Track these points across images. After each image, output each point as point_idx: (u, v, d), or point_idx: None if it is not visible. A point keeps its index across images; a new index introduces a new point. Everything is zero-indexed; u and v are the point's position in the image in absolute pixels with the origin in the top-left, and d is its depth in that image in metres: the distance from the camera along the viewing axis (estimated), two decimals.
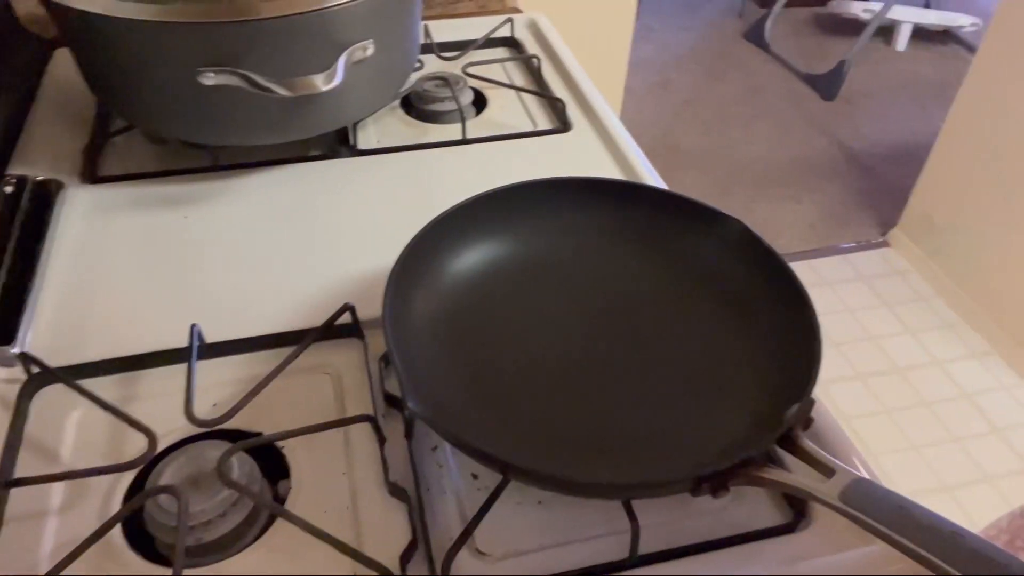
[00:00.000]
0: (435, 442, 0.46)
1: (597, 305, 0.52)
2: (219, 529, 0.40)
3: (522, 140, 0.73)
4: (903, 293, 1.82)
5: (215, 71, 0.54)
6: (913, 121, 2.45)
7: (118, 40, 0.55)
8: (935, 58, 2.78)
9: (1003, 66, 1.56)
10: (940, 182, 1.78)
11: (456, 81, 0.76)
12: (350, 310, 0.51)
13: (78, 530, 0.41)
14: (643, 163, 0.68)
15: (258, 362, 0.51)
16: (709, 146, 2.31)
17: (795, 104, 2.52)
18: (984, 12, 2.99)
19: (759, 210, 2.07)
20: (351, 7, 0.56)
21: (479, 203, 0.53)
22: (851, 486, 0.36)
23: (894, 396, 1.59)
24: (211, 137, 0.63)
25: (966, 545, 0.31)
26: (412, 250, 0.48)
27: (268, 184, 0.66)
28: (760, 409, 0.43)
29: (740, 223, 0.51)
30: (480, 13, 0.96)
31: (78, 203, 0.63)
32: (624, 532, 0.40)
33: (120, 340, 0.51)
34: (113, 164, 0.68)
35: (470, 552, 0.41)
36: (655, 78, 2.65)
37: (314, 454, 0.45)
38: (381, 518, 0.42)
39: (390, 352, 0.42)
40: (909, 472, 1.45)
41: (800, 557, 0.41)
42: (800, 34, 2.94)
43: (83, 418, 0.47)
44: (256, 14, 0.53)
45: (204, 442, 0.44)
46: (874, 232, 2.00)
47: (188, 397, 0.44)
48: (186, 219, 0.62)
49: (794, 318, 0.45)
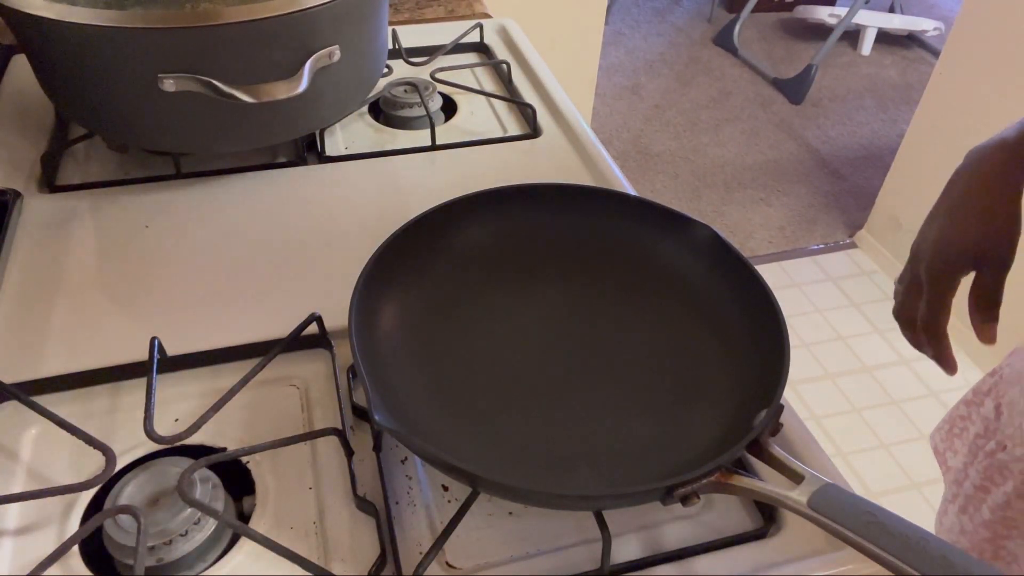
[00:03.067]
0: (404, 454, 0.46)
1: (566, 314, 0.51)
2: (181, 548, 0.39)
3: (492, 146, 0.72)
4: (871, 293, 1.85)
5: (175, 77, 0.53)
6: (879, 124, 2.49)
7: (75, 46, 0.54)
8: (899, 62, 2.83)
9: (965, 69, 1.59)
10: (906, 184, 1.81)
11: (425, 87, 0.75)
12: (317, 320, 0.50)
13: (35, 552, 0.40)
14: (613, 168, 0.68)
15: (222, 375, 0.50)
16: (679, 150, 2.32)
17: (764, 108, 2.55)
18: (947, 17, 3.05)
19: (729, 213, 2.08)
20: (316, 12, 0.56)
21: (448, 210, 0.52)
22: (820, 492, 0.36)
23: (863, 395, 1.61)
24: (173, 144, 0.62)
25: (934, 551, 0.32)
26: (379, 259, 0.48)
27: (233, 192, 0.65)
28: (729, 416, 0.43)
29: (709, 229, 0.51)
30: (449, 18, 0.96)
31: (36, 212, 0.61)
32: (596, 542, 0.40)
33: (78, 354, 0.50)
34: (72, 172, 0.67)
35: (440, 566, 0.40)
36: (625, 83, 2.66)
37: (280, 469, 0.44)
38: (349, 533, 0.41)
39: (356, 364, 0.41)
40: (879, 470, 1.47)
41: (771, 563, 0.41)
42: (768, 39, 2.97)
43: (40, 436, 0.46)
44: (217, 19, 0.52)
45: (166, 459, 0.43)
46: (842, 234, 2.03)
47: (148, 413, 0.43)
48: (147, 228, 0.61)
49: (763, 325, 0.45)
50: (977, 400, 0.69)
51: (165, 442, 0.43)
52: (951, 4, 3.26)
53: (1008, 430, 0.61)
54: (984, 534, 0.63)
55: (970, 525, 0.65)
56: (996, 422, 0.63)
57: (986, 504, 0.62)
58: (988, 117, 1.55)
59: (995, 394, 0.65)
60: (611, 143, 2.33)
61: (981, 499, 0.63)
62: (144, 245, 0.59)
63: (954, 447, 0.70)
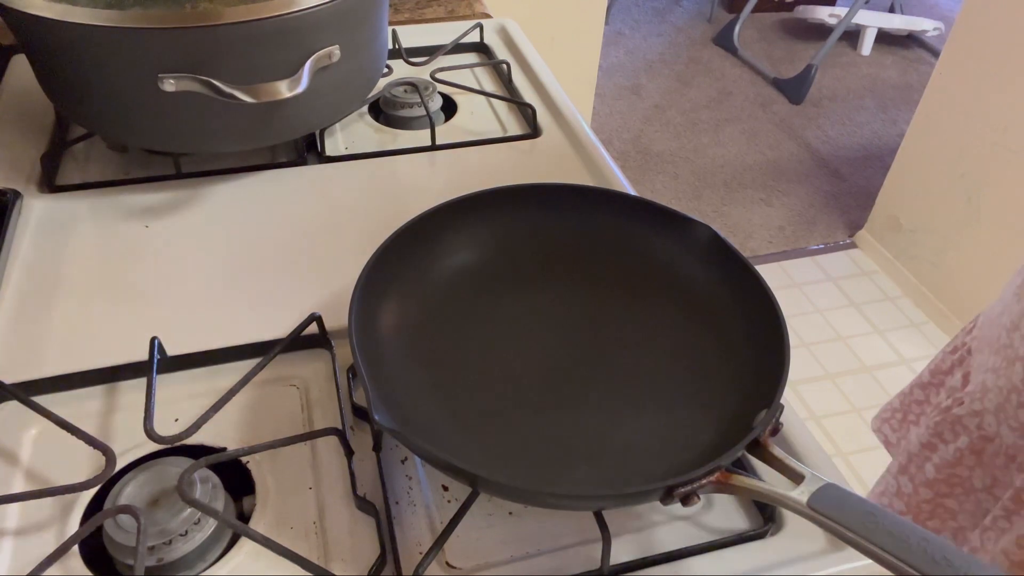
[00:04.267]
0: (404, 454, 0.46)
1: (567, 314, 0.51)
2: (181, 548, 0.39)
3: (492, 146, 0.72)
4: (871, 293, 1.85)
5: (176, 77, 0.53)
6: (879, 124, 2.49)
7: (75, 46, 0.54)
8: (899, 62, 2.83)
9: (965, 69, 1.59)
10: (905, 184, 1.81)
11: (425, 87, 0.75)
12: (317, 320, 0.50)
13: (35, 552, 0.40)
14: (613, 168, 0.68)
15: (222, 375, 0.50)
16: (679, 150, 2.32)
17: (764, 108, 2.55)
18: (947, 17, 3.05)
19: (730, 213, 2.08)
20: (316, 12, 0.56)
21: (448, 210, 0.52)
22: (820, 492, 0.36)
23: (863, 395, 1.61)
24: (173, 144, 0.62)
25: (934, 551, 0.32)
26: (379, 259, 0.48)
27: (233, 192, 0.65)
28: (729, 416, 0.43)
29: (709, 228, 0.51)
30: (449, 18, 0.96)
31: (36, 213, 0.61)
32: (596, 541, 0.40)
33: (78, 354, 0.50)
34: (72, 172, 0.67)
35: (440, 566, 0.40)
36: (625, 83, 2.66)
37: (280, 469, 0.44)
38: (349, 533, 0.41)
39: (356, 364, 0.41)
40: (879, 470, 1.46)
41: (771, 563, 0.41)
42: (768, 39, 2.97)
43: (40, 435, 0.46)
44: (217, 19, 0.52)
45: (166, 459, 0.43)
46: (842, 234, 2.03)
47: (148, 413, 0.43)
48: (148, 229, 0.61)
49: (763, 325, 0.45)
50: (936, 381, 0.68)
51: (165, 442, 0.43)
52: (951, 4, 3.26)
53: (969, 388, 0.61)
54: (925, 495, 0.62)
55: (909, 486, 0.64)
56: (962, 390, 0.63)
57: (931, 462, 0.62)
58: (988, 117, 1.55)
59: (964, 366, 0.64)
60: (611, 143, 2.33)
61: (926, 457, 0.63)
62: (144, 245, 0.59)
63: (916, 434, 0.70)
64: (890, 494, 0.67)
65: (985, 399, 0.58)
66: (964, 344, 0.65)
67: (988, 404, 0.58)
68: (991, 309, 0.62)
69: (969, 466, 0.59)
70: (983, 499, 0.60)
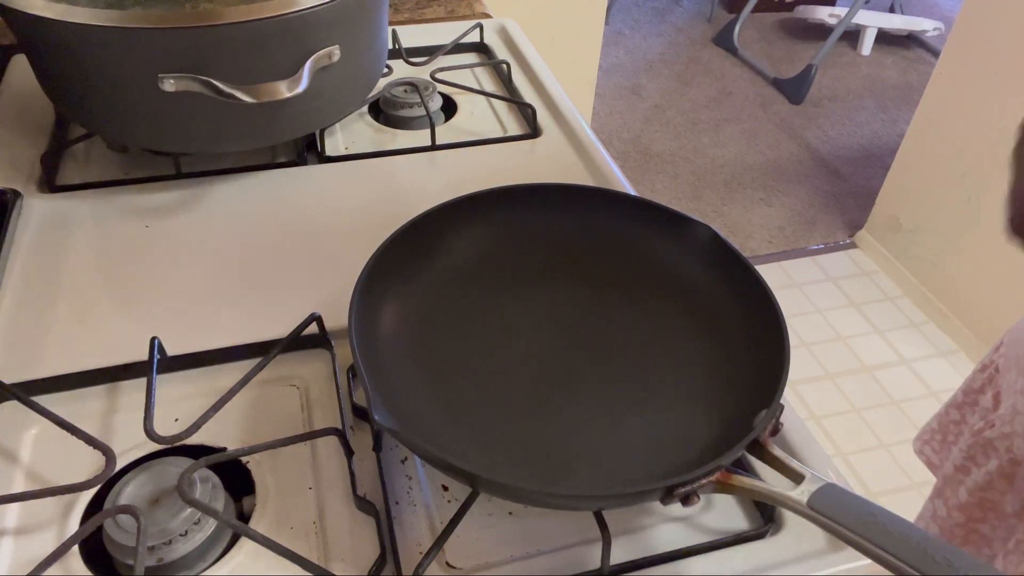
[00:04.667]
0: (404, 454, 0.46)
1: (566, 313, 0.51)
2: (181, 548, 0.39)
3: (492, 146, 0.72)
4: (871, 293, 1.85)
5: (176, 77, 0.53)
6: (879, 124, 2.49)
7: (75, 46, 0.54)
8: (899, 62, 2.83)
9: (965, 69, 1.59)
10: (905, 184, 1.81)
11: (425, 87, 0.75)
12: (317, 320, 0.50)
13: (35, 552, 0.40)
14: (613, 168, 0.68)
15: (222, 375, 0.50)
16: (679, 150, 2.32)
17: (764, 108, 2.55)
18: (947, 17, 3.05)
19: (730, 213, 2.08)
20: (316, 12, 0.56)
21: (447, 210, 0.52)
22: (820, 492, 0.36)
23: (863, 395, 1.61)
24: (173, 144, 0.62)
25: (934, 551, 0.32)
26: (379, 259, 0.48)
27: (233, 192, 0.65)
28: (729, 416, 0.43)
29: (709, 228, 0.51)
30: (449, 18, 0.96)
31: (36, 213, 0.61)
32: (596, 541, 0.40)
33: (78, 354, 0.50)
34: (72, 172, 0.67)
35: (440, 566, 0.40)
36: (625, 83, 2.66)
37: (280, 469, 0.44)
38: (349, 533, 0.41)
39: (356, 364, 0.41)
40: (879, 470, 1.47)
41: (770, 563, 0.41)
42: (768, 39, 2.97)
43: (40, 435, 0.46)
44: (217, 19, 0.52)
45: (166, 459, 0.43)
46: (842, 234, 2.03)
47: (148, 413, 0.43)
48: (148, 228, 0.61)
49: (763, 325, 0.45)
50: (970, 400, 0.68)
51: (165, 442, 0.43)
52: (951, 4, 3.26)
53: (1000, 410, 0.60)
54: (958, 518, 0.62)
55: (944, 509, 0.64)
56: (994, 412, 0.62)
57: (964, 485, 0.62)
58: (988, 117, 1.55)
59: (993, 385, 0.64)
60: (611, 143, 2.33)
61: (960, 480, 0.62)
62: (144, 245, 0.59)
63: (952, 456, 0.70)
64: (926, 517, 0.66)
65: (1015, 422, 0.57)
66: (992, 362, 0.65)
67: (1018, 427, 0.57)
68: (1017, 327, 0.62)
69: (1000, 490, 0.58)
70: (1014, 525, 0.59)
